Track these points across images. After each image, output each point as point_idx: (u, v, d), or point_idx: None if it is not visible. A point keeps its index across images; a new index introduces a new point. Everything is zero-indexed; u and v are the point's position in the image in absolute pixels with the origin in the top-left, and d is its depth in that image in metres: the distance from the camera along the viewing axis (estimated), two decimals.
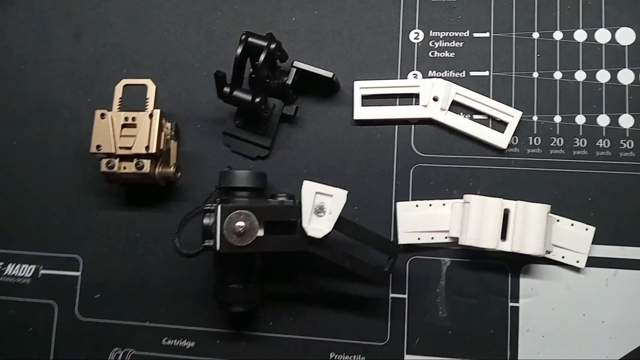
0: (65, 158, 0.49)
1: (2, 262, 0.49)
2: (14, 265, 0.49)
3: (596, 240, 0.43)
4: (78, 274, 0.48)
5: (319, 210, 0.39)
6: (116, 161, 0.44)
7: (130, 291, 0.47)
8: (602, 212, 0.44)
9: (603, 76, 0.45)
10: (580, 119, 0.45)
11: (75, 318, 0.47)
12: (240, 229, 0.39)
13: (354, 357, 0.44)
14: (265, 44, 0.43)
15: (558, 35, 0.46)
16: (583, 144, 0.45)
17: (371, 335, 0.44)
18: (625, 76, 0.45)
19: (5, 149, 0.50)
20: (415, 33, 0.48)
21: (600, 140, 0.45)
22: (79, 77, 0.50)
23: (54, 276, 0.48)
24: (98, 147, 0.44)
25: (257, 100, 0.43)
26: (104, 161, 0.44)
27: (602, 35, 0.46)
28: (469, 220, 0.42)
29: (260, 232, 0.39)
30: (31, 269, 0.48)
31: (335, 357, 0.45)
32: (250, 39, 0.43)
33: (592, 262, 0.43)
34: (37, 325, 0.48)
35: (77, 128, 0.49)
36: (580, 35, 0.46)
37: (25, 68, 0.51)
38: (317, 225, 0.39)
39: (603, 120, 0.45)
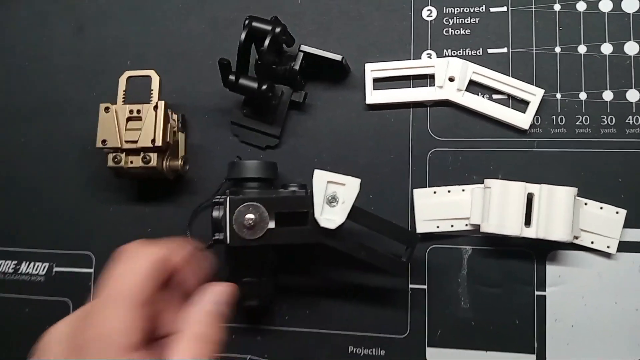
0: (73, 154, 0.49)
1: (16, 261, 0.49)
2: (27, 263, 0.49)
3: (627, 224, 0.41)
4: (91, 270, 0.48)
5: (332, 200, 0.38)
6: (123, 155, 0.43)
7: None
8: (633, 194, 0.41)
9: (631, 48, 0.43)
10: (607, 95, 0.42)
11: None
12: (250, 221, 0.37)
13: (373, 350, 0.43)
14: (269, 28, 0.41)
15: (581, 6, 0.44)
16: (611, 121, 0.42)
17: (391, 328, 0.43)
18: None
19: (13, 147, 0.50)
20: (428, 10, 0.45)
21: (630, 117, 0.42)
22: (83, 72, 0.50)
23: (67, 273, 0.48)
24: (104, 141, 0.43)
25: (264, 87, 0.42)
26: (111, 156, 0.43)
27: (630, 4, 0.43)
28: (491, 206, 0.40)
29: (271, 224, 0.38)
30: (45, 266, 0.48)
31: (354, 351, 0.43)
32: (254, 24, 0.41)
33: (624, 246, 0.41)
34: (53, 323, 0.47)
35: (83, 123, 0.48)
36: (605, 5, 0.43)
37: (29, 65, 0.51)
38: (329, 216, 0.38)
39: (632, 95, 0.42)
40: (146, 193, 0.47)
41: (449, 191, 0.43)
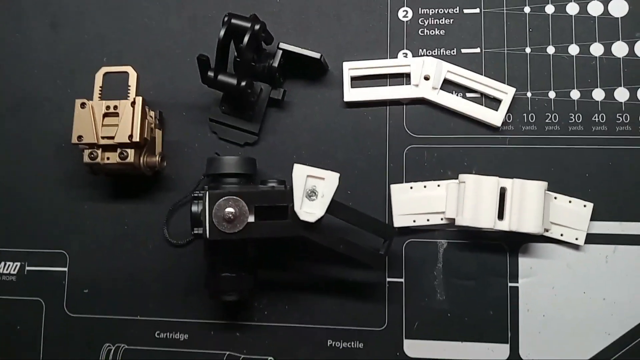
0: (48, 151, 0.48)
1: None
2: None
3: (594, 217, 0.42)
4: (65, 269, 0.47)
5: (311, 194, 0.38)
6: (99, 152, 0.43)
7: (120, 285, 0.46)
8: (600, 188, 0.43)
9: (597, 49, 0.44)
10: (575, 94, 0.44)
11: (64, 314, 0.46)
12: (230, 215, 0.38)
13: (352, 343, 0.44)
14: (249, 25, 0.41)
15: (550, 9, 0.45)
16: (578, 119, 0.44)
17: (369, 321, 0.44)
18: (620, 49, 0.44)
19: None
20: (404, 11, 0.47)
21: (596, 115, 0.44)
22: (59, 69, 0.49)
23: (40, 272, 0.47)
24: (79, 137, 0.42)
25: (243, 84, 0.42)
26: (87, 152, 0.43)
27: (595, 8, 0.45)
28: (465, 200, 0.41)
29: (251, 218, 0.38)
30: (17, 265, 0.47)
31: (333, 345, 0.44)
32: (233, 21, 0.42)
33: (591, 239, 0.42)
34: (25, 323, 0.47)
35: (59, 120, 0.48)
36: (572, 9, 0.45)
37: (3, 62, 0.50)
38: (309, 209, 0.38)
39: (598, 94, 0.44)
40: (123, 190, 0.47)
41: (424, 186, 0.44)
